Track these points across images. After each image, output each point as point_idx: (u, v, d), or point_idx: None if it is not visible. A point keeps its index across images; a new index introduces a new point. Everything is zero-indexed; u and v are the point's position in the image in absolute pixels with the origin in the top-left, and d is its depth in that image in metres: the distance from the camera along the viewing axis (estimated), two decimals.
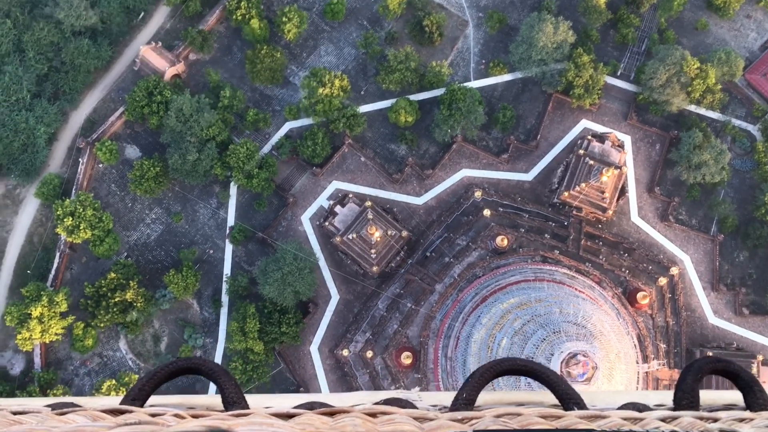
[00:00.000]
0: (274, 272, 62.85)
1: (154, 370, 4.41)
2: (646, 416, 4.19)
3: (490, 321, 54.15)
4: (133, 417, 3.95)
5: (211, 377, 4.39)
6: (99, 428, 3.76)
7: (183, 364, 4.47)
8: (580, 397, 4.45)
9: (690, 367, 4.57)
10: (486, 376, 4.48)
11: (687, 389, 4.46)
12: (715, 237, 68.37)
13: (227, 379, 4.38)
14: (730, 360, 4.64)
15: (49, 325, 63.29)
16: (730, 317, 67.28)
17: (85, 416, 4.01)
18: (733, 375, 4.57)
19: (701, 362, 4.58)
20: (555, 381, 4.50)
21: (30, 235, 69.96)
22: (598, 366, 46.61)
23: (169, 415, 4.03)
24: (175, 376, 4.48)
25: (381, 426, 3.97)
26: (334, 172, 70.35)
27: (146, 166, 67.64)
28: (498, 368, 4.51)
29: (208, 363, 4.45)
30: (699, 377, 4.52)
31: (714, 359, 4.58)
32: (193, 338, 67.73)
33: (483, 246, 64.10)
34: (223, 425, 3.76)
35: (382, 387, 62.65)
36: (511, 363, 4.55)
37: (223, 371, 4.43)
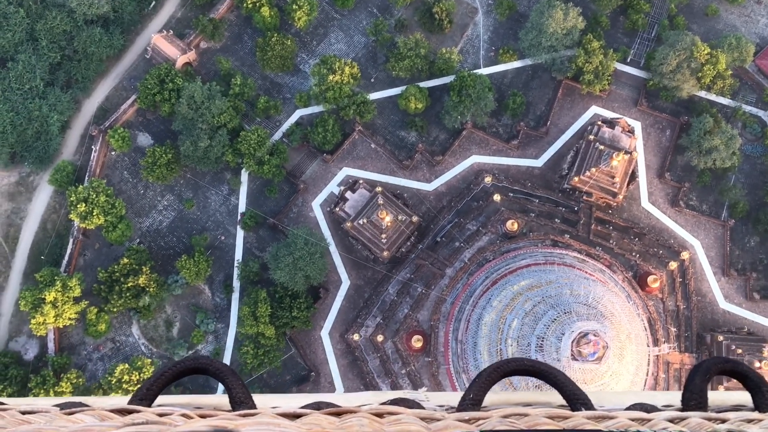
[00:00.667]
0: (285, 257, 63.22)
1: (161, 371, 4.43)
2: (654, 417, 4.17)
3: (501, 303, 54.34)
4: (140, 417, 3.95)
5: (219, 377, 4.41)
6: (107, 428, 3.74)
7: (190, 364, 4.46)
8: (587, 398, 4.44)
9: (698, 368, 4.55)
10: (493, 376, 4.46)
11: (695, 390, 4.45)
12: (725, 222, 68.28)
13: (234, 379, 4.39)
14: (739, 361, 4.63)
15: (62, 310, 63.89)
16: (740, 302, 67.18)
17: (93, 416, 4.02)
18: (742, 376, 4.56)
19: (709, 363, 4.56)
20: (562, 381, 4.48)
21: (44, 221, 70.63)
22: (609, 345, 46.74)
23: (176, 415, 4.02)
24: (183, 376, 4.47)
25: (388, 426, 3.95)
26: (344, 159, 70.67)
27: (158, 153, 68.18)
28: (505, 368, 4.50)
29: (216, 363, 4.47)
30: (707, 378, 4.50)
31: (722, 360, 4.58)
32: (204, 323, 68.21)
33: (493, 230, 64.27)
34: (230, 425, 3.75)
35: (393, 371, 62.92)
36: (518, 363, 4.54)
37: (230, 371, 4.45)
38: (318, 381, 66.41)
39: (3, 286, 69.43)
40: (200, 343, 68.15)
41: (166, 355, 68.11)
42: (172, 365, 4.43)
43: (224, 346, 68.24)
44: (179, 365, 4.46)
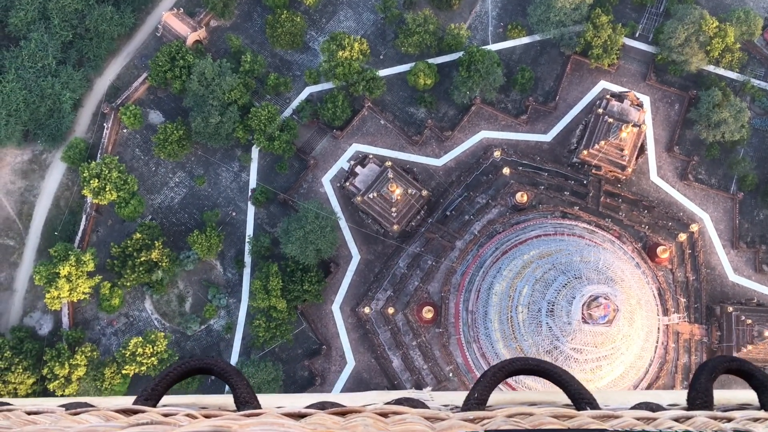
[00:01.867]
0: (296, 231, 63.71)
1: (166, 371, 4.45)
2: (660, 416, 4.14)
3: (511, 272, 54.74)
4: (145, 417, 3.97)
5: (223, 377, 4.41)
6: (112, 428, 3.76)
7: (195, 364, 4.47)
8: (592, 397, 4.41)
9: (704, 367, 4.54)
10: (498, 376, 4.46)
11: (701, 389, 4.41)
12: (734, 195, 68.47)
13: (239, 379, 4.40)
14: (745, 360, 4.60)
15: (76, 284, 64.58)
16: (750, 275, 67.39)
17: (98, 416, 4.02)
18: (748, 375, 4.53)
19: (715, 362, 4.54)
20: (567, 380, 4.46)
21: (57, 199, 71.33)
22: (619, 308, 47.10)
23: (181, 415, 4.02)
24: (188, 376, 4.49)
25: (392, 426, 3.94)
26: (354, 135, 71.10)
27: (170, 130, 68.76)
28: (509, 368, 4.49)
29: (221, 363, 4.48)
30: (713, 377, 4.47)
31: (728, 359, 4.57)
32: (216, 298, 68.82)
33: (503, 203, 64.63)
34: (234, 425, 3.74)
35: (404, 343, 63.40)
36: (523, 363, 4.51)
37: (235, 371, 4.45)
38: (329, 354, 66.96)
39: (17, 262, 70.19)
40: (212, 317, 68.80)
41: (179, 330, 68.77)
42: (176, 365, 4.46)
43: (236, 321, 68.84)
44: (184, 365, 4.48)
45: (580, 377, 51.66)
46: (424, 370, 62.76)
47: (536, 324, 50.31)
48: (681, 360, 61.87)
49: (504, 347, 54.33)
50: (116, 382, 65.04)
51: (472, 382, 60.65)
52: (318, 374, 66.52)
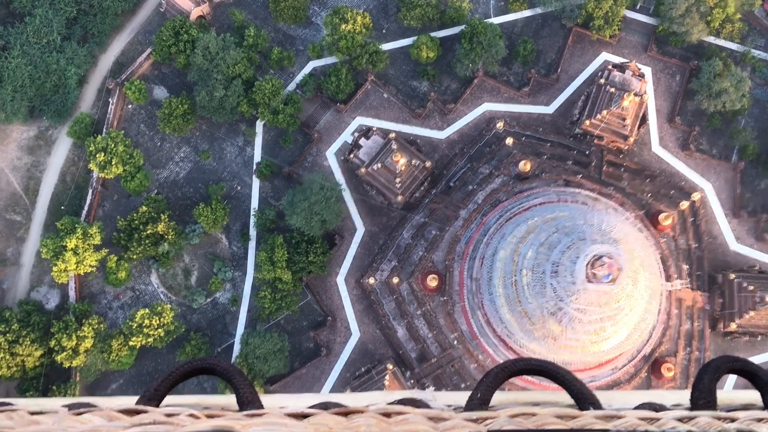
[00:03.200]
0: (301, 202, 64.17)
1: (168, 371, 4.49)
2: (663, 416, 4.14)
3: (515, 238, 55.21)
4: (148, 417, 3.99)
5: (226, 377, 4.44)
6: (115, 428, 3.79)
7: (198, 365, 4.51)
8: (595, 397, 4.42)
9: (707, 367, 4.52)
10: (500, 376, 4.47)
11: (704, 389, 4.40)
12: (736, 165, 68.90)
13: (242, 379, 4.42)
14: (748, 360, 4.60)
15: (83, 257, 65.08)
16: (752, 243, 67.84)
17: (101, 416, 4.03)
18: (751, 374, 4.52)
19: (718, 362, 4.52)
20: (570, 381, 4.46)
21: (63, 174, 71.83)
22: (623, 267, 47.59)
23: (184, 415, 4.04)
24: (190, 376, 4.53)
25: (395, 426, 3.95)
26: (357, 109, 71.53)
27: (174, 104, 69.20)
28: (512, 368, 4.51)
29: (223, 363, 4.50)
30: (716, 377, 4.46)
31: (731, 359, 4.54)
32: (222, 271, 69.33)
33: (506, 172, 65.09)
34: (237, 425, 3.77)
35: (408, 312, 63.90)
36: (526, 363, 4.52)
37: (237, 371, 4.48)
38: (334, 326, 67.48)
39: (24, 237, 70.74)
40: (218, 290, 69.32)
41: (185, 303, 69.30)
42: (179, 366, 4.50)
43: (242, 293, 69.37)
44: (186, 366, 4.52)
45: (585, 339, 52.30)
46: (428, 338, 63.29)
47: (540, 286, 50.80)
48: (683, 326, 62.39)
49: (508, 312, 54.84)
50: (123, 353, 65.60)
51: (476, 349, 61.26)
52: (323, 345, 67.06)
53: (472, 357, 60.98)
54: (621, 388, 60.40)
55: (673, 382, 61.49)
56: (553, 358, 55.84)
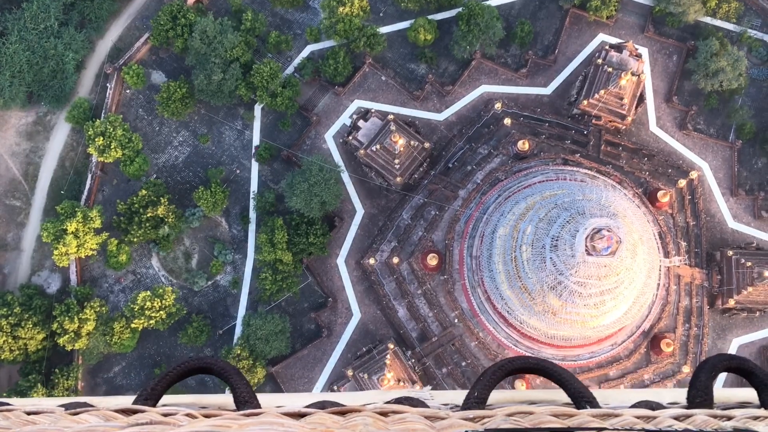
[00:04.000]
0: (301, 183, 64.40)
1: (166, 371, 4.50)
2: (659, 414, 4.15)
3: (514, 215, 55.51)
4: (145, 417, 3.98)
5: (223, 377, 4.44)
6: (111, 428, 3.78)
7: (195, 364, 4.51)
8: (592, 396, 4.42)
9: (703, 365, 4.53)
10: (497, 374, 4.49)
11: (701, 387, 4.41)
12: (733, 144, 69.28)
13: (239, 378, 4.43)
14: (745, 358, 4.62)
15: (84, 240, 65.24)
16: (749, 221, 68.28)
17: (97, 416, 4.02)
18: (748, 373, 4.53)
19: (715, 360, 4.53)
20: (567, 379, 4.47)
21: (62, 159, 71.93)
22: (622, 240, 47.93)
23: (181, 415, 4.03)
24: (187, 375, 4.53)
25: (392, 425, 3.95)
26: (355, 91, 71.74)
27: (173, 88, 69.32)
28: (509, 367, 4.52)
29: (220, 362, 4.50)
30: (713, 375, 4.47)
31: (728, 357, 4.55)
32: (222, 254, 69.54)
33: (504, 152, 65.39)
34: (234, 425, 3.77)
35: (409, 291, 64.20)
36: (523, 361, 4.52)
37: (234, 370, 4.47)
38: (335, 307, 67.76)
39: (24, 222, 70.85)
40: (219, 273, 69.54)
41: (186, 286, 69.51)
42: (176, 365, 4.48)
43: (243, 276, 69.61)
44: (184, 365, 4.51)
45: (584, 313, 52.67)
46: (429, 317, 63.61)
47: (540, 260, 51.12)
48: (682, 302, 62.83)
49: (508, 288, 55.17)
50: (125, 336, 65.81)
51: (477, 326, 61.61)
52: (324, 326, 67.35)
53: (472, 335, 61.32)
54: (621, 364, 60.87)
55: (672, 358, 61.93)
56: (553, 333, 56.32)
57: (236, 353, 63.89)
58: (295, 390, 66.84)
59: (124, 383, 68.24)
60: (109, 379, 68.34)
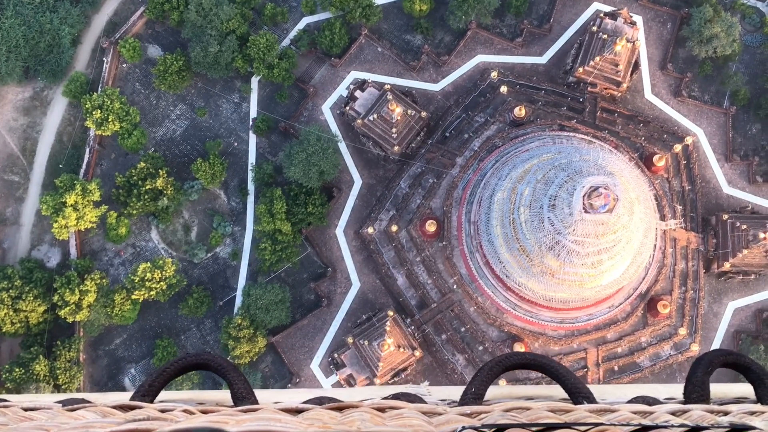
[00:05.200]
0: (299, 154, 64.71)
1: (163, 367, 4.49)
2: (656, 410, 4.16)
3: (512, 179, 55.89)
4: (142, 413, 3.98)
5: (220, 373, 4.44)
6: (108, 424, 3.74)
7: (192, 360, 4.51)
8: (589, 391, 4.45)
9: (700, 361, 4.54)
10: (495, 370, 4.50)
11: (697, 382, 4.45)
12: (727, 110, 69.78)
13: (236, 374, 4.43)
14: (741, 353, 4.64)
15: (83, 213, 65.43)
16: (744, 186, 68.88)
17: (95, 412, 4.01)
18: (744, 368, 4.55)
19: (711, 355, 4.55)
20: (564, 375, 4.50)
21: (59, 134, 72.02)
22: (619, 197, 48.40)
23: (178, 411, 4.02)
24: (185, 371, 4.52)
25: (390, 421, 3.95)
26: (352, 63, 71.93)
27: (169, 61, 69.42)
28: (507, 363, 4.54)
29: (217, 359, 4.50)
30: (709, 371, 4.50)
31: (724, 352, 4.57)
32: (222, 226, 69.84)
33: (501, 119, 65.76)
34: (231, 421, 3.74)
35: (408, 259, 64.65)
36: (520, 357, 4.54)
37: (231, 367, 4.48)
38: (334, 277, 68.19)
39: (23, 197, 70.99)
40: (218, 245, 69.87)
41: (185, 258, 69.84)
42: (173, 361, 4.49)
43: (242, 248, 69.95)
44: (181, 361, 4.51)
45: (582, 273, 53.18)
46: (428, 284, 64.09)
47: (538, 221, 51.56)
48: (678, 266, 63.45)
49: (507, 251, 55.62)
50: (126, 308, 66.15)
51: (475, 291, 62.12)
52: (324, 296, 67.79)
53: (471, 300, 61.86)
54: (618, 326, 61.50)
55: (668, 320, 62.60)
56: (551, 295, 56.85)
57: (237, 323, 64.33)
58: (296, 359, 67.37)
59: (126, 355, 68.65)
60: (110, 351, 68.72)
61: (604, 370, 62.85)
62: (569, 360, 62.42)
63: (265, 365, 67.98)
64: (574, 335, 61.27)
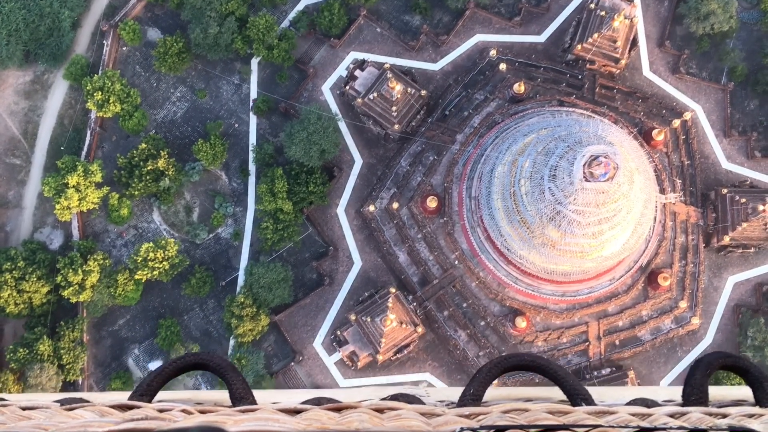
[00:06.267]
0: (300, 132, 65.00)
1: (161, 367, 4.50)
2: (655, 412, 4.16)
3: (512, 152, 56.17)
4: (140, 412, 3.98)
5: (219, 372, 4.44)
6: (106, 423, 3.74)
7: (191, 360, 4.51)
8: (588, 393, 4.44)
9: (699, 363, 4.52)
10: (493, 372, 4.50)
11: (696, 385, 4.43)
12: (725, 86, 70.15)
13: (235, 374, 4.42)
14: (740, 356, 4.62)
15: (85, 194, 65.72)
16: (742, 162, 69.28)
17: (93, 412, 4.01)
18: (743, 371, 4.54)
19: (710, 358, 4.53)
20: (563, 376, 4.49)
21: (60, 117, 72.26)
22: (619, 166, 48.72)
23: (176, 411, 4.02)
24: (183, 371, 4.52)
25: (388, 421, 3.95)
26: (351, 44, 72.22)
27: (169, 43, 69.68)
28: (505, 364, 4.53)
29: (216, 359, 4.50)
30: (708, 373, 4.49)
31: (723, 355, 4.54)
32: (223, 207, 70.12)
33: (500, 96, 66.08)
34: (229, 421, 3.77)
35: (409, 236, 64.97)
36: (519, 359, 4.54)
37: (230, 367, 4.47)
38: (336, 256, 68.51)
39: (24, 180, 71.25)
40: (220, 226, 70.15)
41: (187, 239, 70.12)
42: (172, 361, 4.49)
43: (244, 228, 70.25)
44: (179, 361, 4.50)
45: (583, 243, 53.51)
46: (429, 261, 64.42)
47: (539, 192, 51.86)
48: (678, 239, 63.82)
49: (507, 224, 55.92)
50: (129, 288, 66.43)
51: (477, 266, 62.46)
52: (326, 275, 68.11)
53: (473, 275, 62.19)
54: (619, 299, 61.88)
55: (669, 293, 62.97)
56: (552, 268, 57.17)
57: (240, 301, 64.63)
58: (299, 337, 67.69)
59: (129, 336, 68.95)
60: (113, 332, 69.01)
61: (605, 343, 63.25)
62: (570, 334, 62.83)
63: (268, 344, 68.30)
64: (576, 308, 61.64)
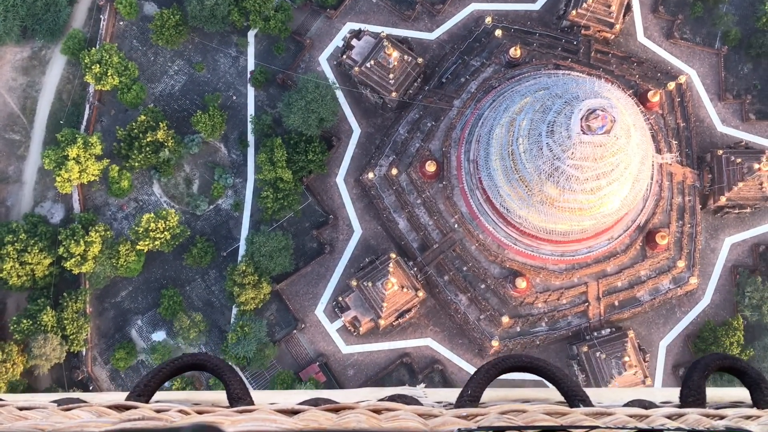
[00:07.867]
0: (298, 101, 65.40)
1: (159, 367, 4.50)
2: (652, 413, 4.17)
3: (510, 113, 56.60)
4: (137, 413, 3.98)
5: (216, 373, 4.45)
6: (103, 424, 3.76)
7: (188, 361, 4.52)
8: (585, 394, 4.45)
9: (696, 365, 4.54)
10: (491, 373, 4.51)
11: (693, 386, 4.43)
12: (719, 51, 70.74)
13: (232, 375, 4.43)
14: (738, 357, 4.66)
15: (86, 166, 66.01)
16: (737, 125, 69.92)
17: (90, 412, 4.01)
18: (740, 372, 4.55)
19: (708, 359, 4.54)
20: (560, 377, 4.50)
21: (59, 92, 72.48)
22: (617, 119, 49.22)
23: (173, 411, 4.03)
24: (181, 372, 4.53)
25: (385, 422, 3.96)
26: (347, 14, 72.60)
27: (166, 15, 69.92)
28: (502, 365, 4.54)
29: (213, 359, 4.50)
30: (706, 374, 4.50)
31: (721, 356, 4.58)
32: (223, 178, 70.47)
33: (497, 61, 66.55)
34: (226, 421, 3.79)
35: (408, 202, 65.44)
36: (516, 360, 4.55)
37: (227, 367, 4.48)
38: (336, 224, 68.97)
39: (24, 155, 71.48)
40: (220, 197, 70.52)
41: (188, 211, 70.47)
42: (169, 361, 4.51)
43: (244, 199, 70.63)
44: (177, 361, 4.51)
45: (582, 200, 54.00)
46: (429, 225, 64.90)
47: (537, 149, 52.32)
48: (675, 200, 64.42)
49: (506, 183, 56.38)
50: (131, 259, 66.76)
51: (476, 229, 62.97)
52: (326, 243, 68.57)
53: (472, 238, 62.70)
54: (617, 258, 62.48)
55: (667, 252, 63.59)
56: (551, 228, 57.69)
57: (241, 270, 65.03)
58: (300, 305, 68.15)
59: (132, 307, 69.31)
60: (116, 303, 69.36)
61: (604, 304, 63.86)
62: (570, 295, 63.43)
63: (270, 313, 68.75)
64: (575, 268, 62.23)
